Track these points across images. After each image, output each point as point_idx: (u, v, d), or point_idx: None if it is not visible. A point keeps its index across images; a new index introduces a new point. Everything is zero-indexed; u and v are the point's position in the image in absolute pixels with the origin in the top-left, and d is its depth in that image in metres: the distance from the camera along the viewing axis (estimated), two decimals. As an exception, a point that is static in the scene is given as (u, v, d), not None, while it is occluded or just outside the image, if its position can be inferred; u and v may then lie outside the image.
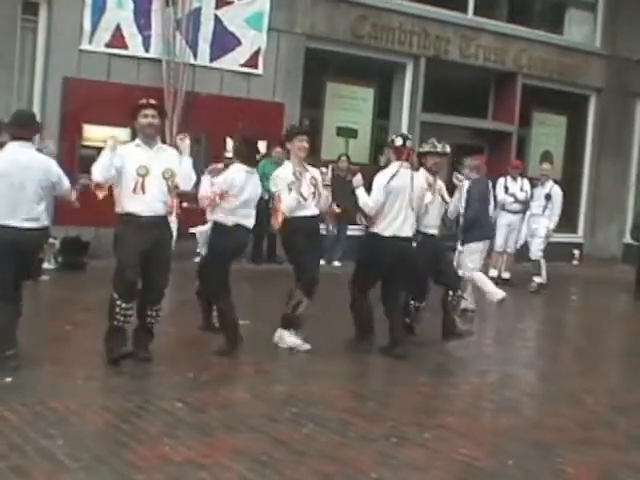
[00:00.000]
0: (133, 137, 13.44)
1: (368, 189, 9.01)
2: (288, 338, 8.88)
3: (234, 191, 8.31)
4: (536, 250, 15.27)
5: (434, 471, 5.68)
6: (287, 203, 8.58)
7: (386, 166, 9.35)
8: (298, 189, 8.66)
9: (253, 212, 8.61)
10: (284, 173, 8.78)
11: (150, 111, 7.94)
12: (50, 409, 6.31)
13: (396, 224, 8.86)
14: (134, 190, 7.69)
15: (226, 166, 8.70)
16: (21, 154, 7.33)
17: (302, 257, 8.80)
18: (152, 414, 6.43)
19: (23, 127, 7.49)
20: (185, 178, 7.96)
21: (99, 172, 7.67)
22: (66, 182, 7.69)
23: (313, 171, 9.04)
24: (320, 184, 8.96)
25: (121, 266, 7.71)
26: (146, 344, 7.99)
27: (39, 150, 8.07)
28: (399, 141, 9.03)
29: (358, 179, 9.11)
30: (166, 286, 8.04)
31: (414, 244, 9.11)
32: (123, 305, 7.69)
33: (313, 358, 8.49)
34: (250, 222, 8.57)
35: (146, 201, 7.71)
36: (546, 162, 17.29)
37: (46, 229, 7.62)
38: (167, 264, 8.01)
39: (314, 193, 8.90)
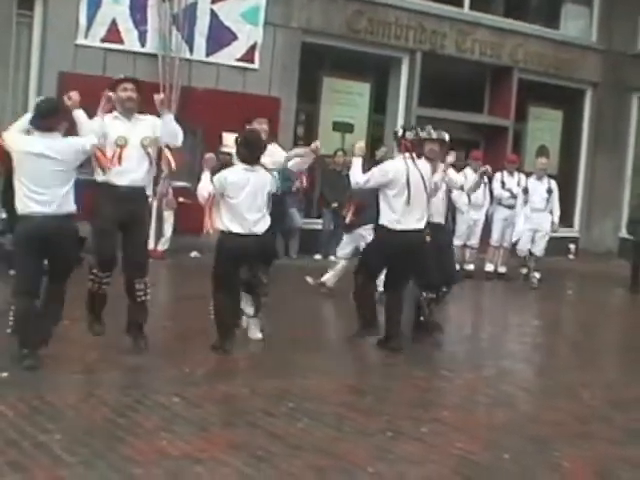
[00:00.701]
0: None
1: None
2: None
3: (230, 191, 8.19)
4: (543, 246, 15.24)
5: (430, 465, 5.70)
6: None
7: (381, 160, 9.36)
8: None
9: (258, 214, 8.31)
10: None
11: (129, 85, 8.05)
12: (47, 404, 6.31)
13: (404, 215, 8.78)
14: (111, 160, 7.80)
15: (225, 165, 8.72)
16: (38, 142, 7.20)
17: None
18: (149, 408, 6.44)
19: (43, 118, 7.33)
20: (170, 134, 8.09)
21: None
22: (87, 141, 7.55)
23: (279, 155, 9.30)
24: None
25: (97, 236, 7.91)
26: (141, 322, 8.07)
27: None
28: (400, 132, 9.12)
29: (361, 147, 9.15)
30: (147, 257, 8.16)
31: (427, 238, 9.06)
32: (99, 274, 7.91)
33: (309, 353, 8.49)
34: (251, 227, 8.27)
35: (122, 171, 7.81)
36: (543, 157, 17.28)
37: (69, 216, 7.33)
38: (145, 236, 8.23)
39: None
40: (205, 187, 8.30)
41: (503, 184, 15.43)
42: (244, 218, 8.17)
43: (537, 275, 15.02)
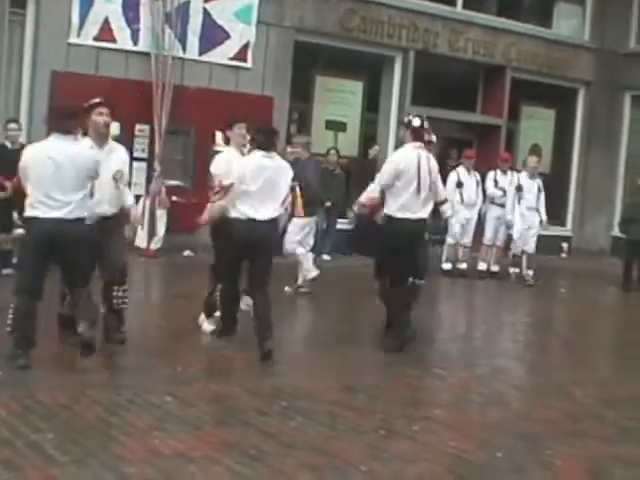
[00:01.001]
0: (121, 130, 13.45)
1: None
2: (205, 323, 9.04)
3: (248, 179, 8.12)
4: (534, 243, 15.27)
5: (423, 463, 5.70)
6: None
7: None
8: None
9: (276, 201, 8.31)
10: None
11: (105, 109, 7.94)
12: (40, 403, 6.30)
13: (409, 205, 8.72)
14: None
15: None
16: (57, 145, 7.16)
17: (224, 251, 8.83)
18: (141, 408, 6.44)
19: (62, 120, 7.27)
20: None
21: None
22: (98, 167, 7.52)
23: None
24: None
25: None
26: (118, 326, 8.07)
27: None
28: (417, 122, 8.91)
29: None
30: (122, 266, 8.12)
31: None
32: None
33: (302, 352, 8.50)
34: (264, 213, 8.23)
35: (94, 204, 7.72)
36: (534, 155, 17.27)
37: (81, 220, 7.27)
38: (120, 245, 8.16)
39: None
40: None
41: (496, 183, 15.43)
42: (259, 205, 8.13)
43: (531, 272, 15.03)
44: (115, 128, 8.39)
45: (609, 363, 10.07)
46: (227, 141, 9.14)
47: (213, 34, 15.72)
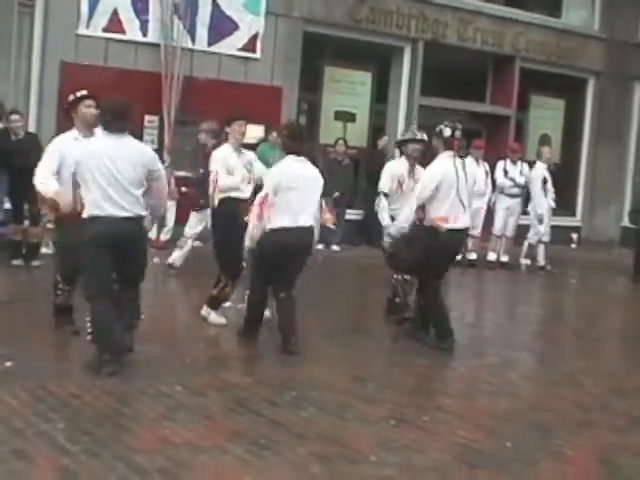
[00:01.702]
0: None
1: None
2: (212, 315, 9.05)
3: (284, 186, 8.05)
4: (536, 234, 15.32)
5: (433, 453, 5.71)
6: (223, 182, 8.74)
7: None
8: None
9: (309, 208, 8.22)
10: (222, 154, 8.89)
11: (92, 102, 7.95)
12: (50, 393, 6.32)
13: (451, 216, 8.66)
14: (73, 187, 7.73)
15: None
16: (108, 143, 7.08)
17: (224, 240, 8.82)
18: (152, 398, 6.45)
19: (118, 119, 7.14)
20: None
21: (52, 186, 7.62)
22: (164, 181, 7.55)
23: (249, 155, 9.22)
24: (254, 170, 9.07)
25: (63, 250, 8.01)
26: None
27: None
28: (447, 131, 8.82)
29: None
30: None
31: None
32: (65, 288, 8.03)
33: (312, 342, 8.50)
34: (301, 220, 8.14)
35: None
36: (547, 146, 17.25)
37: (141, 218, 7.22)
38: None
39: (248, 178, 8.98)
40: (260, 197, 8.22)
41: (506, 173, 15.41)
42: (294, 211, 8.06)
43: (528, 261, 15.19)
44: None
45: (619, 353, 10.06)
46: (225, 137, 9.15)
47: (222, 25, 15.71)
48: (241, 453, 5.41)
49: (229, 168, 8.79)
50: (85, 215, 7.04)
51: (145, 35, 14.97)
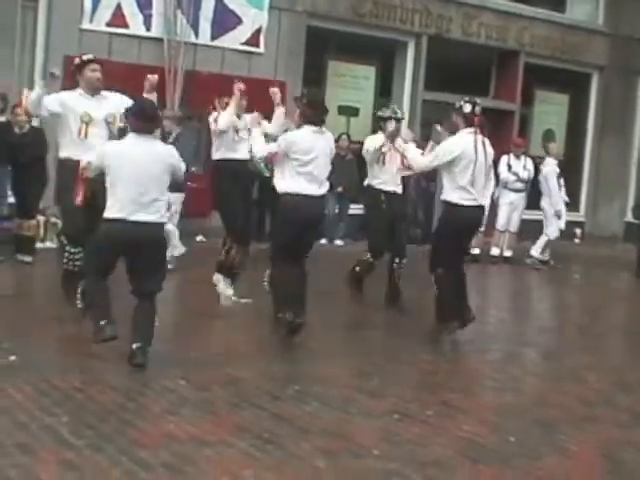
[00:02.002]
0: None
1: None
2: (221, 283, 9.25)
3: (298, 153, 8.08)
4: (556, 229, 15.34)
5: (436, 447, 5.71)
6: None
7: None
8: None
9: (322, 177, 8.27)
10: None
11: (97, 66, 8.41)
12: (54, 387, 6.34)
13: (469, 192, 8.64)
14: (78, 135, 8.12)
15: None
16: (140, 146, 7.07)
17: (228, 202, 8.84)
18: (156, 392, 6.47)
19: (148, 121, 7.15)
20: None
21: (32, 105, 8.30)
22: (182, 165, 7.51)
23: (248, 118, 9.55)
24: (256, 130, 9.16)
25: (66, 211, 8.26)
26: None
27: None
28: (468, 107, 8.85)
29: (408, 132, 9.13)
30: None
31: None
32: (72, 250, 8.20)
33: (316, 336, 8.50)
34: (318, 189, 8.23)
35: (87, 147, 7.97)
36: (552, 142, 17.23)
37: (162, 224, 7.28)
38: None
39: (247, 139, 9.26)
40: (259, 144, 8.31)
41: (509, 167, 15.39)
42: (312, 180, 8.09)
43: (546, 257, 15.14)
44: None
45: (622, 349, 10.07)
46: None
47: (225, 19, 15.69)
48: (245, 447, 5.42)
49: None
50: (109, 216, 7.03)
51: (148, 29, 14.95)
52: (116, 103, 8.36)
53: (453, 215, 8.68)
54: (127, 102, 7.94)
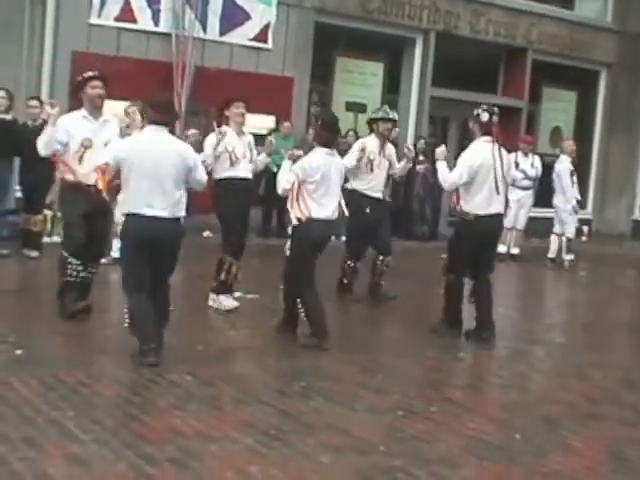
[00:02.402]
0: (142, 112, 13.47)
1: None
2: (224, 301, 9.20)
3: (314, 177, 7.99)
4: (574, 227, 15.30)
5: (441, 444, 5.72)
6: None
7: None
8: (224, 146, 9.01)
9: (334, 201, 8.19)
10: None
11: (98, 82, 8.34)
12: (61, 381, 6.36)
13: (488, 201, 8.59)
14: (76, 158, 8.21)
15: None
16: (156, 139, 7.09)
17: (229, 219, 8.88)
18: (162, 387, 6.48)
19: (159, 112, 7.16)
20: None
21: (43, 148, 8.28)
22: (201, 170, 7.53)
23: (249, 137, 9.50)
24: (254, 150, 9.41)
25: (68, 226, 8.38)
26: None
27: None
28: (485, 116, 8.77)
29: (442, 151, 9.04)
30: (105, 238, 8.73)
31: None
32: (74, 262, 8.25)
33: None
34: (331, 213, 8.15)
35: (84, 171, 8.14)
36: (569, 139, 17.18)
37: (179, 220, 7.26)
38: (104, 221, 8.57)
39: (249, 158, 9.28)
40: (286, 177, 8.08)
41: (517, 165, 15.35)
42: (324, 204, 8.02)
43: (569, 257, 15.11)
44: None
45: (628, 346, 10.05)
46: (226, 121, 9.34)
47: (233, 15, 15.70)
48: (251, 443, 5.43)
49: (228, 148, 9.07)
50: (126, 211, 7.08)
51: (157, 25, 14.98)
52: (114, 131, 8.47)
53: (472, 224, 8.62)
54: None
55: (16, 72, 13.64)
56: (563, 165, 15.07)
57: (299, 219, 8.01)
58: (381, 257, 10.36)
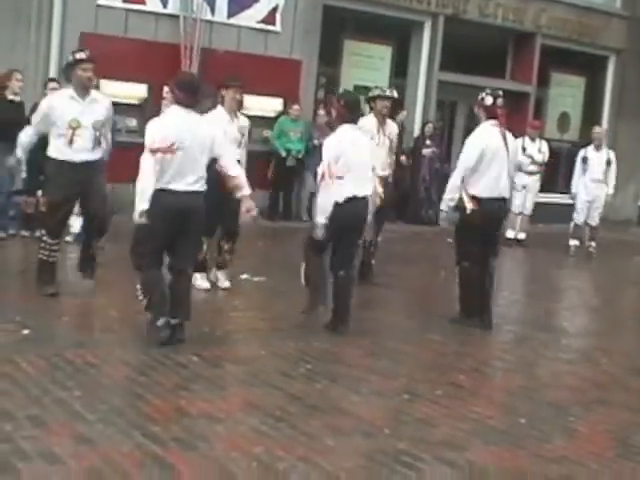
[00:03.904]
0: (149, 93, 13.50)
1: None
2: (198, 281, 9.07)
3: (345, 155, 7.83)
4: (597, 216, 15.19)
5: (446, 428, 5.72)
6: None
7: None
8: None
9: (367, 176, 8.03)
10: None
11: (89, 65, 8.34)
12: (67, 361, 6.37)
13: (493, 185, 8.54)
14: (65, 141, 8.23)
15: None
16: (183, 118, 7.09)
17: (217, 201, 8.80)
18: (168, 368, 6.49)
19: (186, 92, 7.15)
20: None
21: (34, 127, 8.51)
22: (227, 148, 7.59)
23: (244, 121, 9.42)
24: (246, 134, 9.38)
25: (49, 204, 8.36)
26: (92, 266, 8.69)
27: None
28: (489, 100, 8.74)
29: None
30: (106, 216, 8.62)
31: None
32: (49, 241, 8.37)
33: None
34: (366, 189, 8.01)
35: (75, 151, 8.25)
36: (596, 125, 17.12)
37: (202, 193, 7.20)
38: (102, 199, 8.54)
39: (239, 142, 9.19)
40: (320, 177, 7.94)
41: (524, 150, 15.32)
42: (357, 178, 7.87)
43: (594, 244, 15.03)
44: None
45: (635, 332, 10.04)
46: (222, 101, 9.31)
47: (242, -3, 15.66)
48: (256, 424, 5.45)
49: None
50: (156, 187, 6.99)
51: (165, 6, 14.93)
52: (105, 111, 8.51)
53: (480, 209, 8.58)
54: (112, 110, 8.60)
55: (24, 55, 13.62)
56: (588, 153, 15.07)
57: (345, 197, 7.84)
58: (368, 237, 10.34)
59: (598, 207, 15.22)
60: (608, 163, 15.07)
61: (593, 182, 15.07)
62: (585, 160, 15.04)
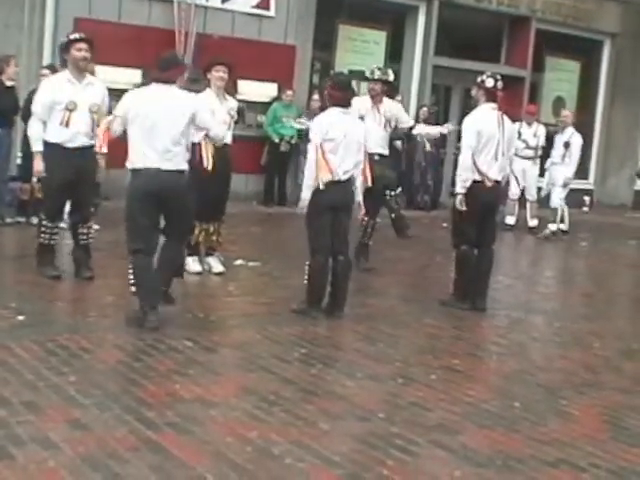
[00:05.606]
0: (144, 78, 13.47)
1: None
2: (189, 264, 9.14)
3: (329, 136, 7.79)
4: (556, 198, 15.14)
5: (440, 411, 5.74)
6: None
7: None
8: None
9: (354, 160, 7.94)
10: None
11: (84, 45, 8.33)
12: (62, 346, 6.38)
13: (486, 168, 8.53)
14: (60, 123, 8.25)
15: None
16: (156, 94, 7.10)
17: (202, 185, 8.74)
18: (163, 352, 6.50)
19: (161, 70, 7.18)
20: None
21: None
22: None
23: (233, 103, 9.39)
24: (235, 116, 9.35)
25: (47, 189, 8.49)
26: (86, 262, 8.62)
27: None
28: (490, 82, 8.73)
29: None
30: (90, 206, 8.74)
31: None
32: (49, 225, 8.45)
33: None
34: (351, 172, 7.95)
35: (71, 134, 8.28)
36: (565, 109, 17.11)
37: (183, 172, 7.26)
38: (92, 187, 8.74)
39: (229, 124, 9.14)
40: (311, 159, 7.88)
41: (519, 134, 15.29)
42: (340, 164, 7.81)
43: (551, 227, 14.95)
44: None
45: (628, 316, 10.09)
46: (209, 83, 9.23)
47: (236, -18, 15.61)
48: (250, 409, 5.46)
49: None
50: (130, 166, 7.09)
51: (159, -9, 14.88)
52: (100, 94, 8.52)
53: (471, 191, 8.57)
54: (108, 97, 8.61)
55: (18, 39, 13.58)
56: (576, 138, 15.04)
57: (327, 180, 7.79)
58: (391, 192, 10.37)
59: (558, 190, 15.08)
60: (566, 146, 14.95)
61: (552, 165, 15.20)
62: (567, 145, 14.90)
